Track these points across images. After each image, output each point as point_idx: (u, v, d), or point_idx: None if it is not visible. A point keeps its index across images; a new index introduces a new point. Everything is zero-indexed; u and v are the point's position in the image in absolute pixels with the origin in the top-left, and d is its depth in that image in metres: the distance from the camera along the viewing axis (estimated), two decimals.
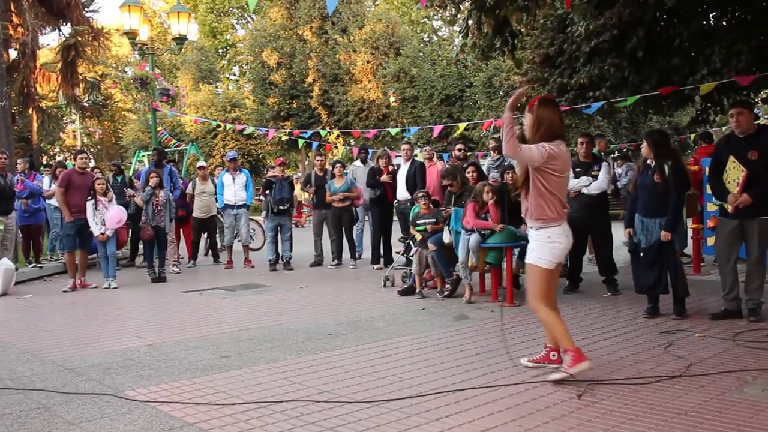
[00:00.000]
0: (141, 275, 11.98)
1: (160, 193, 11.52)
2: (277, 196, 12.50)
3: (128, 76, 49.38)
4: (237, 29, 55.41)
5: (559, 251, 5.04)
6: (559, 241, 5.01)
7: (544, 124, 5.03)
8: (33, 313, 8.87)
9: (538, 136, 5.02)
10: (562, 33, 11.22)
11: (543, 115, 5.06)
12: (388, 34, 33.37)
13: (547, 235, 5.00)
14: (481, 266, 8.54)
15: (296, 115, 35.01)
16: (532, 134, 5.08)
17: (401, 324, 7.31)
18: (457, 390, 4.81)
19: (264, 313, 8.24)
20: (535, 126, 5.06)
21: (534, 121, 5.07)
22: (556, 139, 5.00)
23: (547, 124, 5.03)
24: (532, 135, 5.07)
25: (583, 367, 4.86)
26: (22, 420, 4.44)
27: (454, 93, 28.66)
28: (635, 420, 4.13)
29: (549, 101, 5.27)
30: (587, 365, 4.88)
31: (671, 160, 7.00)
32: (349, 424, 4.20)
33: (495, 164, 11.12)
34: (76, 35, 21.54)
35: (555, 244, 5.00)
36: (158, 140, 16.78)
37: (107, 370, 5.67)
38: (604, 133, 19.08)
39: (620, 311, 7.67)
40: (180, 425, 4.26)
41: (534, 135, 5.06)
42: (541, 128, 5.02)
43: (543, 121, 5.04)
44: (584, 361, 4.88)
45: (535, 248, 5.06)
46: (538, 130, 5.04)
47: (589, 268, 9.85)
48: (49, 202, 12.99)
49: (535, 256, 5.05)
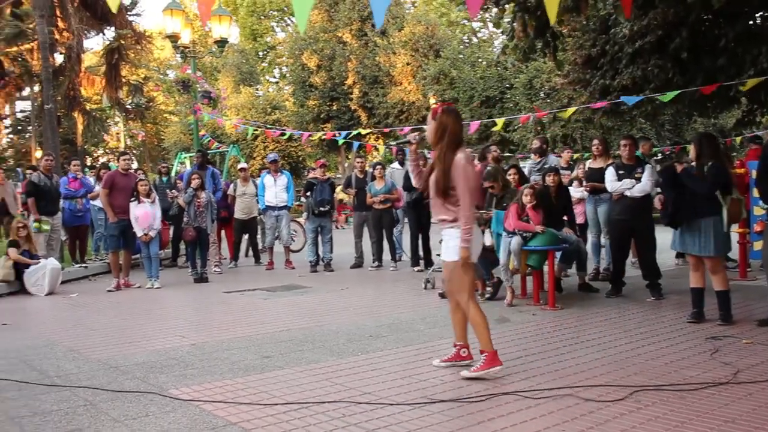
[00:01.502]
0: (183, 275, 12.11)
1: (202, 194, 11.62)
2: (318, 197, 12.55)
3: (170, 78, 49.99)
4: (277, 32, 55.81)
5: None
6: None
7: (448, 131, 5.22)
8: (78, 311, 9.02)
9: (442, 142, 5.23)
10: (604, 34, 11.11)
11: (446, 123, 5.24)
12: (427, 35, 33.33)
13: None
14: (522, 269, 8.49)
15: (336, 117, 35.13)
16: (436, 140, 5.28)
17: (442, 326, 7.29)
18: (500, 393, 4.78)
19: (305, 314, 8.28)
20: (438, 132, 5.25)
21: (437, 128, 5.26)
22: (460, 146, 5.24)
23: (451, 130, 5.22)
24: (436, 141, 5.28)
25: (494, 371, 5.19)
26: (69, 417, 4.51)
27: (495, 95, 28.48)
28: (681, 427, 4.07)
29: (451, 110, 5.42)
30: (498, 369, 5.21)
31: (713, 161, 6.92)
32: (391, 426, 4.20)
33: (536, 167, 11.03)
34: (119, 39, 21.86)
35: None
36: (200, 142, 16.93)
37: (151, 369, 5.74)
38: (648, 136, 18.84)
39: (664, 316, 7.56)
40: (223, 424, 4.30)
41: (438, 141, 5.26)
42: (445, 135, 5.22)
43: (446, 128, 5.23)
44: (497, 365, 5.21)
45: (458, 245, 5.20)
46: (441, 137, 5.24)
47: (631, 272, 9.73)
48: (93, 203, 13.20)
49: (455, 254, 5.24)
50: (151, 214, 10.87)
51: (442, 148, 5.23)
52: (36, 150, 27.40)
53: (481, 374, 5.16)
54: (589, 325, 7.19)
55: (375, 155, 30.09)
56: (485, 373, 5.16)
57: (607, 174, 8.97)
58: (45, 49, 14.44)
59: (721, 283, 6.98)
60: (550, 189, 9.02)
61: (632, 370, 5.26)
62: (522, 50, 9.75)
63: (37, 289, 10.40)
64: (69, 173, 13.23)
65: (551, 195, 8.96)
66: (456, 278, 5.32)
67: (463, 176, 5.12)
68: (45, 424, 4.37)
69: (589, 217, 10.36)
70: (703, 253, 6.92)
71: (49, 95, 14.40)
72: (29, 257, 10.66)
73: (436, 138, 5.26)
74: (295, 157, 35.46)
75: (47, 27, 14.71)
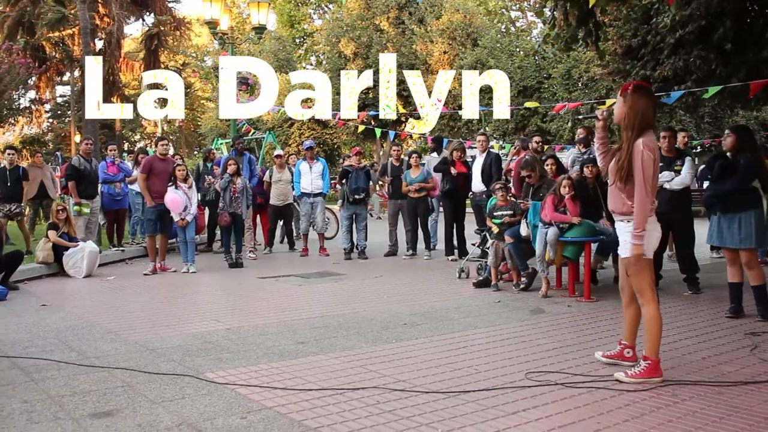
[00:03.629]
0: (218, 260, 12.20)
1: (238, 180, 11.69)
2: (353, 185, 12.57)
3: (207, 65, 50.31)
4: (314, 19, 55.83)
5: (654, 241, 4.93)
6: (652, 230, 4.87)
7: (639, 114, 4.79)
8: (116, 294, 9.13)
9: (631, 126, 4.81)
10: (646, 24, 10.95)
11: (638, 105, 4.81)
12: (465, 24, 33.14)
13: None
14: (558, 260, 8.44)
15: (372, 104, 35.08)
16: (625, 124, 4.86)
17: (476, 316, 7.28)
18: (534, 385, 4.76)
19: (339, 301, 8.30)
20: (629, 116, 4.83)
21: (628, 110, 4.85)
22: (649, 129, 4.82)
23: (642, 113, 4.80)
24: (625, 125, 4.86)
25: (652, 382, 4.77)
26: (107, 397, 4.57)
27: (532, 85, 28.28)
28: (719, 422, 4.02)
29: (644, 88, 5.02)
30: (657, 381, 4.78)
31: (748, 154, 6.83)
32: (426, 414, 4.20)
33: (580, 157, 10.91)
34: (158, 25, 22.07)
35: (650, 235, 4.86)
36: (236, 129, 17.00)
37: (187, 352, 5.80)
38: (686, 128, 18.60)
39: (701, 310, 7.47)
40: (258, 408, 4.33)
41: (627, 125, 4.85)
42: (636, 119, 4.79)
43: (638, 111, 4.80)
44: (657, 376, 4.81)
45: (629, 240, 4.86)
46: (633, 120, 4.80)
47: (668, 266, 9.61)
48: (131, 188, 13.34)
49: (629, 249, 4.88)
50: (181, 199, 10.94)
51: (629, 130, 4.83)
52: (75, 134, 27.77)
53: (638, 381, 4.77)
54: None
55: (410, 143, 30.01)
56: (643, 381, 4.76)
57: None
58: (86, 35, 14.61)
59: (757, 278, 6.87)
60: (587, 180, 8.93)
61: (669, 364, 5.19)
62: (563, 39, 9.64)
63: (76, 271, 10.54)
64: (107, 158, 13.37)
65: (589, 186, 8.88)
66: (633, 275, 4.94)
67: (640, 165, 4.73)
68: (84, 404, 4.44)
69: None
70: (743, 245, 6.82)
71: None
72: (68, 240, 10.79)
73: (627, 121, 4.84)
74: (330, 144, 35.49)
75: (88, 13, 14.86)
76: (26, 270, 10.15)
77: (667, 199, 8.47)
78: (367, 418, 4.13)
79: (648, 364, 4.82)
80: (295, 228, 14.55)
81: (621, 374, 4.88)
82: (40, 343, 6.21)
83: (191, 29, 24.62)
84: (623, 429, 3.94)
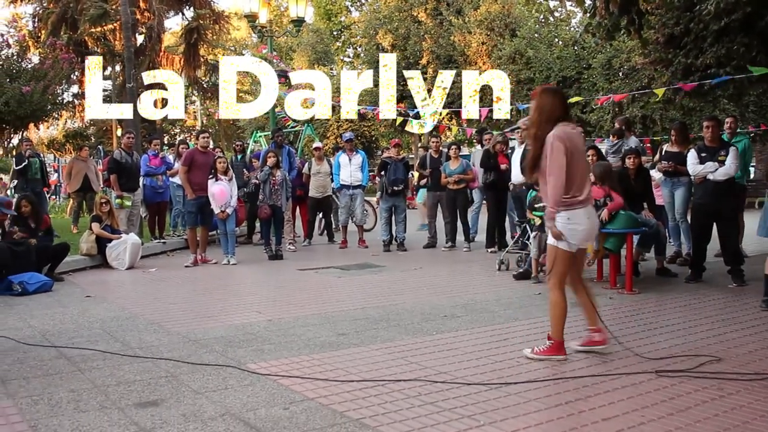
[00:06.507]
0: (258, 252, 12.28)
1: (277, 172, 11.75)
2: (392, 177, 12.57)
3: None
4: (351, 11, 55.83)
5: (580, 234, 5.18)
6: (578, 224, 5.13)
7: (545, 111, 5.18)
8: (158, 285, 9.24)
9: (536, 123, 5.22)
10: (689, 12, 10.78)
11: (542, 102, 5.21)
12: (503, 14, 32.86)
13: (567, 217, 5.10)
14: (600, 252, 8.35)
15: (410, 96, 35.01)
16: (531, 122, 5.37)
17: (517, 308, 7.24)
18: (577, 377, 4.73)
19: (379, 293, 8.32)
20: (533, 115, 5.29)
21: (533, 110, 5.30)
22: (557, 122, 5.12)
23: (548, 111, 5.16)
24: (531, 122, 5.37)
25: (555, 359, 5.16)
26: (151, 387, 4.63)
27: (572, 75, 27.98)
28: (767, 417, 3.96)
29: (549, 89, 5.43)
30: (560, 359, 5.17)
31: None
32: (468, 406, 4.19)
33: (612, 149, 10.81)
34: (198, 19, 22.19)
35: (574, 227, 5.12)
36: (275, 121, 17.09)
37: (229, 343, 5.85)
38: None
39: (746, 303, 7.35)
40: (300, 399, 4.35)
41: (532, 123, 5.30)
42: (541, 115, 5.18)
43: (542, 108, 5.19)
44: (561, 354, 5.19)
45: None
46: (537, 117, 5.22)
47: (711, 258, 9.45)
48: (172, 180, 13.47)
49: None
50: (227, 191, 11.03)
51: (533, 127, 5.28)
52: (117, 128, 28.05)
53: (541, 358, 5.20)
54: (668, 310, 7.05)
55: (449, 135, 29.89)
56: (546, 359, 5.18)
57: (689, 157, 8.73)
58: (127, 29, 14.72)
59: None
60: (629, 171, 8.83)
61: (715, 357, 5.12)
62: (605, 28, 9.54)
63: (118, 263, 10.68)
64: (149, 151, 13.52)
65: (630, 177, 8.78)
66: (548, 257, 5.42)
67: (549, 152, 5.07)
68: (129, 393, 4.50)
69: (665, 201, 10.10)
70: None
71: (130, 74, 14.68)
72: (111, 232, 10.93)
73: (535, 119, 5.27)
74: (368, 136, 35.50)
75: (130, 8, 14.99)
76: (71, 262, 10.31)
77: (710, 190, 8.36)
78: (409, 410, 4.13)
79: (551, 344, 5.22)
80: (334, 220, 14.59)
81: (528, 350, 5.30)
82: (85, 333, 6.31)
83: (230, 23, 24.66)
84: (668, 423, 3.89)
